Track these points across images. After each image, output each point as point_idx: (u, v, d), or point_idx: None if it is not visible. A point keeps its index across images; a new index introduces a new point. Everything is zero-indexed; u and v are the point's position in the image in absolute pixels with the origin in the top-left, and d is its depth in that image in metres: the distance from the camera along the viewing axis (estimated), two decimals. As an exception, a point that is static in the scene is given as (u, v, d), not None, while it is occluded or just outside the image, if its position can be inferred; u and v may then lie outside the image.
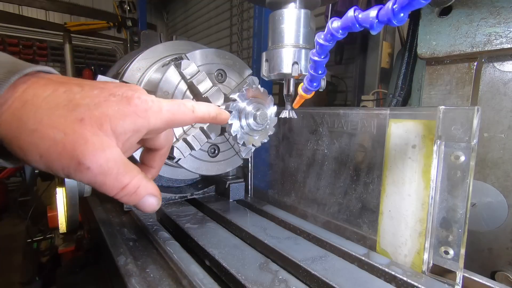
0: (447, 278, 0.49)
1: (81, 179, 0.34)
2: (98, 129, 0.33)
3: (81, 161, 0.32)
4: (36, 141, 0.31)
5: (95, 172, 0.33)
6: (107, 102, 0.35)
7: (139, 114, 0.36)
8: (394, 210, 0.56)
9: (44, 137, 0.31)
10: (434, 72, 0.77)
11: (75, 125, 0.32)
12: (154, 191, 0.40)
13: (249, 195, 0.92)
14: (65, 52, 2.15)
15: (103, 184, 0.34)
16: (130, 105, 0.36)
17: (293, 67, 0.56)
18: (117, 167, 0.35)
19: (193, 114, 0.44)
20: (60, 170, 0.33)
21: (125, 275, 0.51)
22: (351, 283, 0.49)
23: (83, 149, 0.32)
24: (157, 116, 0.38)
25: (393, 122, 0.55)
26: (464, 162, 0.46)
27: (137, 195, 0.38)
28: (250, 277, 0.50)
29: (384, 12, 0.34)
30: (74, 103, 0.33)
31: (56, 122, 0.32)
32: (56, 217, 0.80)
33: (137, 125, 0.36)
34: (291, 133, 0.79)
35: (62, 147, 0.32)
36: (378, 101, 1.92)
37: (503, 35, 0.64)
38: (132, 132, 0.36)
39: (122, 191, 0.36)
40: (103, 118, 0.34)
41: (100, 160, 0.33)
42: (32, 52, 4.07)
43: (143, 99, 0.38)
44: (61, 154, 0.32)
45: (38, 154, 0.32)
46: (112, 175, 0.34)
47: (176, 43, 0.80)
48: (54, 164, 0.32)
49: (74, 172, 0.33)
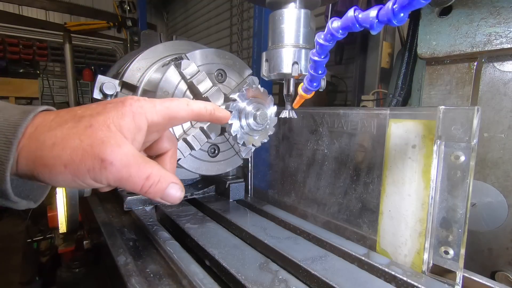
0: (447, 278, 0.49)
1: (108, 177, 0.35)
2: (107, 131, 0.36)
3: (104, 158, 0.34)
4: (58, 153, 0.34)
5: (118, 166, 0.35)
6: (106, 109, 0.38)
7: (136, 111, 0.39)
8: (394, 210, 0.56)
9: (65, 147, 0.34)
10: (434, 72, 0.77)
11: (87, 131, 0.35)
12: (176, 180, 0.41)
13: (249, 195, 0.92)
14: (65, 52, 2.15)
15: (129, 176, 0.36)
16: (125, 106, 0.38)
17: (293, 67, 0.56)
18: (136, 159, 0.37)
19: (188, 107, 0.45)
20: (86, 173, 0.35)
21: (125, 275, 0.51)
22: (351, 283, 0.49)
23: (102, 148, 0.34)
24: (152, 111, 0.40)
25: (393, 122, 0.55)
26: (464, 162, 0.46)
27: (162, 184, 0.39)
28: (250, 277, 0.50)
29: (384, 12, 0.34)
30: (78, 116, 0.36)
31: (69, 133, 0.35)
32: (56, 217, 0.80)
33: (136, 121, 0.38)
34: (291, 133, 0.79)
35: (82, 151, 0.34)
36: (378, 101, 1.92)
37: (503, 35, 0.64)
38: (135, 130, 0.38)
39: (148, 181, 0.37)
40: (108, 121, 0.36)
41: (120, 155, 0.35)
42: (32, 52, 4.06)
43: (136, 99, 0.40)
44: (83, 157, 0.34)
45: (63, 165, 0.34)
46: (135, 166, 0.36)
47: (176, 43, 0.80)
48: (80, 169, 0.34)
49: (99, 171, 0.35)
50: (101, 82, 0.67)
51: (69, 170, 0.34)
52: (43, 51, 4.15)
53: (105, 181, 0.36)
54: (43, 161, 0.34)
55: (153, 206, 0.81)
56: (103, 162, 0.34)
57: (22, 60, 4.04)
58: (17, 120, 0.35)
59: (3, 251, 2.33)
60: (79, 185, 0.36)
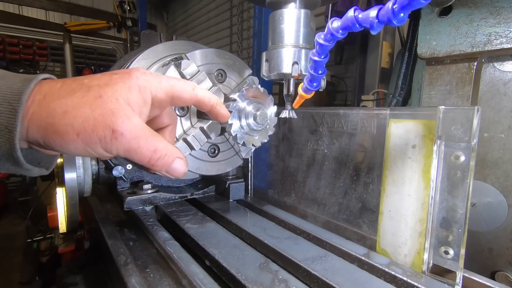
0: (447, 278, 0.49)
1: (118, 148, 0.36)
2: (116, 103, 0.36)
3: (115, 128, 0.35)
4: (70, 121, 0.34)
5: (128, 137, 0.36)
6: (112, 80, 0.38)
7: (141, 85, 0.39)
8: (394, 210, 0.56)
9: (76, 116, 0.35)
10: (434, 72, 0.77)
11: (97, 101, 0.35)
12: (181, 155, 0.43)
13: (249, 195, 0.91)
14: (65, 52, 2.15)
15: (138, 147, 0.37)
16: (132, 79, 0.39)
17: (293, 67, 0.56)
18: (145, 132, 0.38)
19: (193, 91, 0.45)
20: (98, 142, 0.35)
21: (125, 275, 0.51)
22: (351, 283, 0.49)
23: (112, 118, 0.35)
24: (157, 86, 0.41)
25: (393, 122, 0.55)
26: (464, 162, 0.46)
27: (169, 157, 0.40)
28: (250, 277, 0.50)
29: (384, 12, 0.34)
30: (86, 86, 0.37)
31: (80, 102, 0.35)
32: (56, 217, 0.80)
33: (142, 95, 0.39)
34: (291, 133, 0.79)
35: (94, 120, 0.35)
36: (378, 101, 1.92)
37: (503, 35, 0.64)
38: (141, 103, 0.39)
39: (156, 154, 0.38)
40: (116, 93, 0.37)
41: (130, 126, 0.36)
42: (32, 52, 4.06)
43: (142, 71, 0.41)
44: (95, 126, 0.35)
45: (75, 133, 0.35)
46: (144, 138, 0.37)
47: (176, 43, 0.80)
48: (92, 138, 0.35)
49: (110, 141, 0.35)
50: (101, 82, 0.67)
51: (81, 139, 0.35)
52: (43, 51, 4.15)
53: (115, 151, 0.37)
54: (54, 128, 0.35)
55: (153, 206, 0.81)
56: (114, 132, 0.35)
57: (22, 60, 4.04)
58: (20, 87, 0.35)
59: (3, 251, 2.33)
60: (89, 153, 0.37)
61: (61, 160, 0.75)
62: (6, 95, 0.34)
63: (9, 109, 0.34)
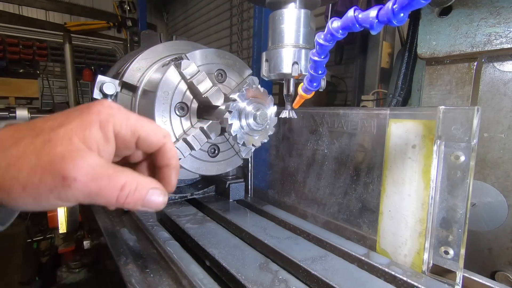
0: (447, 278, 0.49)
1: (74, 195, 0.31)
2: (68, 144, 0.32)
3: (65, 175, 0.30)
4: (14, 175, 0.31)
5: (84, 181, 0.31)
6: (69, 119, 0.34)
7: (103, 120, 0.34)
8: (394, 210, 0.56)
9: (20, 168, 0.31)
10: (434, 72, 0.77)
11: (45, 147, 0.31)
12: (156, 184, 0.37)
13: (249, 195, 0.91)
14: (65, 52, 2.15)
15: (99, 190, 0.32)
16: (91, 114, 0.34)
17: (293, 67, 0.56)
18: (105, 170, 0.33)
19: (163, 139, 0.40)
20: (48, 193, 0.31)
21: (125, 275, 0.51)
22: (351, 283, 0.49)
23: (62, 164, 0.30)
24: (123, 122, 0.36)
25: (393, 122, 0.55)
26: (464, 162, 0.46)
27: (140, 192, 0.35)
28: (250, 277, 0.50)
29: (384, 12, 0.34)
30: (37, 130, 0.33)
31: (26, 151, 0.31)
32: (56, 217, 0.80)
33: (104, 130, 0.34)
34: (291, 133, 0.79)
35: (41, 170, 0.30)
36: (378, 101, 1.92)
37: (503, 35, 0.64)
38: (102, 140, 0.34)
39: (123, 192, 0.33)
40: (70, 133, 0.32)
41: (85, 168, 0.31)
42: (32, 52, 4.06)
43: (107, 105, 0.36)
44: (42, 177, 0.30)
45: (21, 187, 0.31)
46: (104, 178, 0.32)
47: (176, 43, 0.80)
48: (40, 190, 0.31)
49: (63, 189, 0.31)
50: (101, 82, 0.67)
51: (29, 193, 0.31)
52: (43, 51, 4.16)
53: (73, 199, 0.32)
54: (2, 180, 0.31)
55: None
56: (66, 179, 0.30)
57: (22, 60, 4.04)
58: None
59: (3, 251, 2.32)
60: (43, 207, 0.32)
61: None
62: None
63: None
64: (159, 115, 0.62)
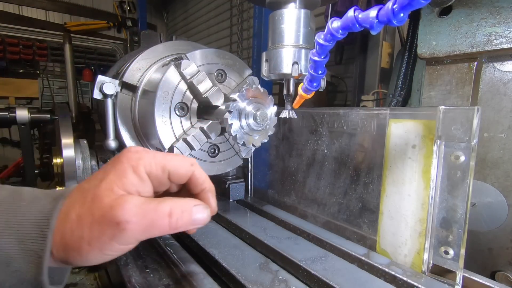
0: (447, 278, 0.49)
1: (133, 235, 0.35)
2: (112, 194, 0.35)
3: (119, 221, 0.34)
4: (79, 234, 0.34)
5: (136, 220, 0.34)
6: (106, 173, 0.38)
7: (135, 164, 0.38)
8: (394, 210, 0.56)
9: (82, 228, 0.34)
10: (434, 72, 0.77)
11: (95, 203, 0.35)
12: (197, 201, 0.40)
13: (249, 195, 0.92)
14: (65, 52, 2.14)
15: (152, 223, 0.35)
16: (123, 163, 0.38)
17: (293, 67, 0.56)
18: (149, 204, 0.36)
19: (190, 167, 0.43)
20: (110, 241, 0.34)
21: (125, 275, 0.51)
22: (351, 283, 0.49)
23: (112, 212, 0.34)
24: (151, 161, 0.39)
25: (393, 122, 0.55)
26: (464, 162, 0.46)
27: (187, 212, 0.38)
28: (250, 277, 0.50)
29: (384, 12, 0.34)
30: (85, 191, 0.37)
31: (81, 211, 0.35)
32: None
33: (138, 174, 0.38)
34: (291, 133, 0.79)
35: (97, 223, 0.34)
36: (378, 101, 1.92)
37: (503, 35, 0.64)
38: (139, 182, 0.38)
39: (172, 218, 0.36)
40: (110, 184, 0.36)
41: (132, 209, 0.34)
42: (32, 52, 4.05)
43: (134, 151, 0.40)
44: (101, 229, 0.34)
45: (87, 243, 0.34)
46: (152, 211, 0.35)
47: (176, 43, 0.80)
48: (103, 241, 0.34)
49: (121, 234, 0.34)
50: (101, 82, 0.67)
51: (94, 246, 0.34)
52: (43, 51, 4.15)
53: (133, 240, 0.36)
54: (69, 247, 0.35)
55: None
56: (120, 224, 0.34)
57: (22, 60, 4.03)
58: (49, 210, 0.35)
59: (3, 251, 2.31)
60: (110, 255, 0.36)
61: (61, 160, 0.75)
62: (36, 219, 0.34)
63: (39, 235, 0.34)
64: (159, 115, 0.62)
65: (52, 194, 0.37)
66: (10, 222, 0.34)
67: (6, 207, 0.35)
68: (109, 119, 0.69)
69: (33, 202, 0.35)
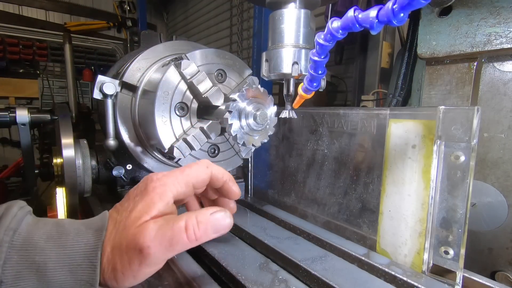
0: (447, 278, 0.49)
1: (157, 257, 0.37)
2: (138, 223, 0.38)
3: (141, 247, 0.37)
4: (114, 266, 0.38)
5: (155, 243, 0.37)
6: (135, 203, 0.41)
7: (160, 191, 0.41)
8: (394, 210, 0.56)
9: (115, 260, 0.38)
10: (434, 72, 0.77)
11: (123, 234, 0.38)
12: (214, 208, 0.42)
13: (249, 195, 0.91)
14: (65, 52, 2.15)
15: (171, 241, 0.38)
16: (149, 192, 0.41)
17: (293, 67, 0.56)
18: (166, 224, 0.38)
19: (207, 170, 0.47)
20: (140, 267, 0.38)
21: (125, 275, 0.51)
22: (351, 283, 0.49)
23: (134, 241, 0.37)
24: (175, 183, 0.43)
25: (393, 122, 0.55)
26: (464, 162, 0.46)
27: (203, 222, 0.40)
28: (250, 277, 0.50)
29: (384, 12, 0.34)
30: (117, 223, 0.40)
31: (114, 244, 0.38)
32: (56, 217, 0.80)
33: (164, 200, 0.41)
34: (291, 133, 0.79)
35: (126, 254, 0.37)
36: (378, 101, 1.92)
37: (503, 35, 0.64)
38: (164, 207, 0.41)
39: (189, 231, 0.38)
40: (139, 215, 0.39)
41: (150, 233, 0.37)
42: (32, 52, 4.05)
43: (156, 179, 0.43)
44: (130, 258, 0.37)
45: (121, 273, 0.38)
46: (168, 230, 0.38)
47: (176, 43, 0.80)
48: (133, 268, 0.37)
49: (146, 258, 0.37)
50: (101, 82, 0.67)
51: (128, 275, 0.37)
52: (43, 51, 4.15)
53: (159, 261, 0.39)
54: (107, 278, 0.38)
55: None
56: (143, 250, 0.36)
57: (22, 60, 4.03)
58: (95, 242, 0.38)
59: (3, 251, 2.31)
60: (143, 278, 0.39)
61: (61, 160, 0.75)
62: (85, 251, 0.37)
63: (89, 266, 0.37)
64: (159, 115, 0.62)
65: (92, 225, 0.40)
66: (61, 255, 0.36)
67: (56, 241, 0.37)
68: (109, 119, 0.69)
69: (78, 235, 0.38)
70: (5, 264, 0.34)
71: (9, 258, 0.35)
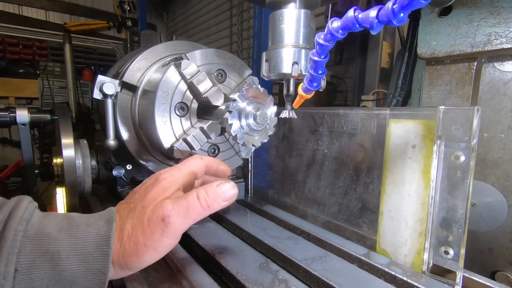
0: (447, 278, 0.49)
1: (179, 226, 0.42)
2: (155, 201, 0.43)
3: (163, 217, 0.41)
4: (135, 240, 0.41)
5: (175, 212, 0.41)
6: (147, 188, 0.46)
7: (172, 182, 0.46)
8: (394, 210, 0.56)
9: (137, 233, 0.41)
10: (434, 72, 0.77)
11: (142, 212, 0.43)
12: (218, 181, 0.46)
13: (249, 195, 0.91)
14: (65, 52, 2.15)
15: (187, 210, 0.42)
16: (161, 181, 0.46)
17: (293, 67, 0.56)
18: (181, 198, 0.43)
19: (202, 160, 0.53)
20: (161, 237, 0.41)
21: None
22: (351, 283, 0.49)
23: (156, 214, 0.41)
24: (181, 173, 0.49)
25: (393, 122, 0.55)
26: (464, 162, 0.46)
27: (211, 191, 0.44)
28: (250, 277, 0.50)
29: (384, 12, 0.34)
30: (132, 205, 0.45)
31: (133, 221, 0.42)
32: (56, 217, 0.80)
33: (173, 187, 0.46)
34: (291, 133, 0.79)
35: (148, 227, 0.41)
36: (378, 101, 1.92)
37: (503, 35, 0.64)
38: (174, 192, 0.45)
39: (201, 200, 0.43)
40: (154, 196, 0.44)
41: (170, 205, 0.42)
42: (32, 52, 4.05)
43: (163, 171, 0.48)
44: (152, 230, 0.41)
45: (143, 245, 0.40)
46: (183, 201, 0.43)
47: (176, 43, 0.80)
48: (155, 238, 0.41)
49: (168, 227, 0.41)
50: (101, 82, 0.67)
51: (149, 246, 0.40)
52: (43, 51, 4.15)
53: (179, 230, 0.42)
54: (128, 252, 0.40)
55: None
56: (164, 219, 0.41)
57: (22, 60, 4.03)
58: (106, 232, 0.40)
59: (3, 251, 2.31)
60: (162, 252, 0.42)
61: (61, 160, 0.75)
62: (96, 241, 0.39)
63: (101, 254, 0.38)
64: (159, 115, 0.62)
65: (102, 217, 0.42)
66: (73, 245, 0.38)
67: (67, 232, 0.39)
68: (109, 119, 0.69)
69: (89, 226, 0.40)
70: (20, 252, 0.35)
71: (24, 247, 0.35)
